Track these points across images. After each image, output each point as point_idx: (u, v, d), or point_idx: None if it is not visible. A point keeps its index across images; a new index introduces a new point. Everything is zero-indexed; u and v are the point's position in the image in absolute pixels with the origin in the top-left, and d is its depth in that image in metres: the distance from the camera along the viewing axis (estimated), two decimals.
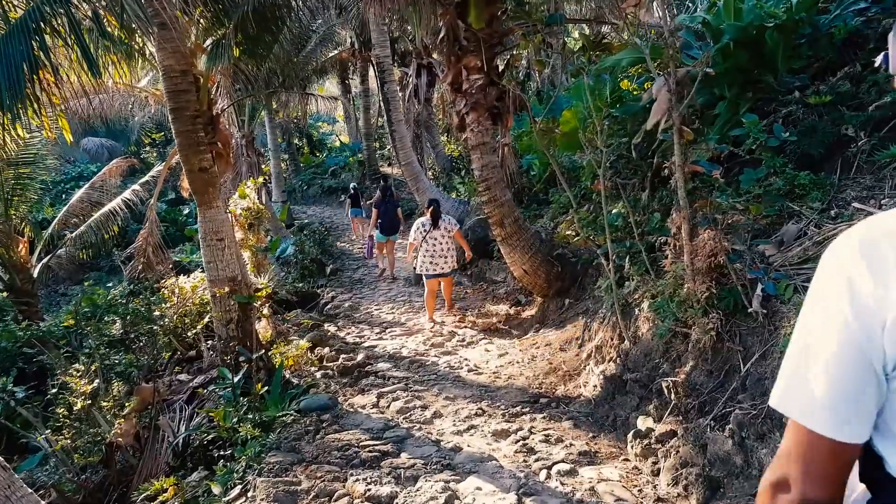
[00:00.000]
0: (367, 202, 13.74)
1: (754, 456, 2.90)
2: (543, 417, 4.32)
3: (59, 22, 3.42)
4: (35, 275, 9.51)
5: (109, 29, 4.29)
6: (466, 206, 10.61)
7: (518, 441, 3.91)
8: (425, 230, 7.06)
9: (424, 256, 7.08)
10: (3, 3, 3.67)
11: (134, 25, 3.79)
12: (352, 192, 14.07)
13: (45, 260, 10.07)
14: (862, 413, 0.76)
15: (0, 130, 3.56)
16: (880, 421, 0.78)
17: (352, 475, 3.52)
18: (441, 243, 7.06)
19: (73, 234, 10.48)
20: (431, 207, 7.20)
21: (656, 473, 3.34)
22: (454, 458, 3.71)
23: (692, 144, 4.17)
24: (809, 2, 4.96)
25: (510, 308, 7.43)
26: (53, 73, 3.53)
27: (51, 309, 11.82)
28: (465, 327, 6.98)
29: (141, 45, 6.12)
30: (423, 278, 7.32)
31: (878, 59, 0.94)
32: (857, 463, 0.82)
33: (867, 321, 0.73)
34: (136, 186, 10.88)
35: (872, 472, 0.80)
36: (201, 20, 6.11)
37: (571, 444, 3.80)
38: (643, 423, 3.72)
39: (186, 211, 17.65)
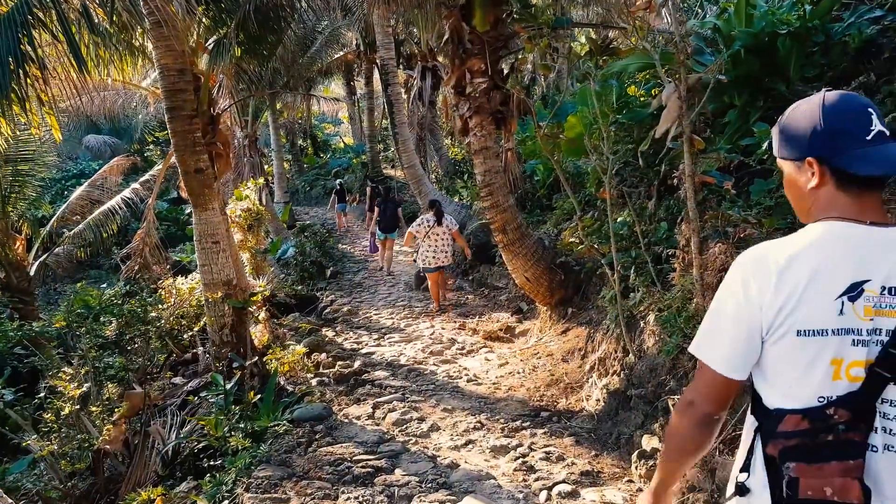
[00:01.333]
0: (351, 198, 14.55)
1: None
2: (544, 433, 4.17)
3: (47, 16, 3.30)
4: (32, 273, 9.40)
5: (104, 25, 4.17)
6: (469, 210, 10.48)
7: (518, 458, 3.77)
8: (429, 225, 7.61)
9: (427, 251, 7.65)
10: None
11: (125, 20, 3.67)
12: (338, 187, 15.31)
13: (42, 258, 9.96)
14: (748, 362, 1.19)
15: None
16: (757, 369, 1.20)
17: (343, 493, 3.38)
18: (442, 239, 7.67)
19: (72, 233, 10.37)
20: (435, 207, 7.77)
21: None
22: (450, 476, 3.56)
23: (701, 153, 4.03)
24: (823, 9, 4.82)
25: (511, 316, 7.29)
26: (41, 68, 3.41)
27: (48, 308, 11.71)
28: (466, 334, 6.84)
29: (141, 42, 6.01)
30: (425, 273, 7.98)
31: (765, 145, 1.33)
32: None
33: (754, 304, 1.15)
34: (136, 185, 10.78)
35: (756, 406, 1.21)
36: (203, 19, 6.00)
37: (573, 463, 3.65)
38: (648, 442, 3.57)
39: (188, 210, 17.49)
